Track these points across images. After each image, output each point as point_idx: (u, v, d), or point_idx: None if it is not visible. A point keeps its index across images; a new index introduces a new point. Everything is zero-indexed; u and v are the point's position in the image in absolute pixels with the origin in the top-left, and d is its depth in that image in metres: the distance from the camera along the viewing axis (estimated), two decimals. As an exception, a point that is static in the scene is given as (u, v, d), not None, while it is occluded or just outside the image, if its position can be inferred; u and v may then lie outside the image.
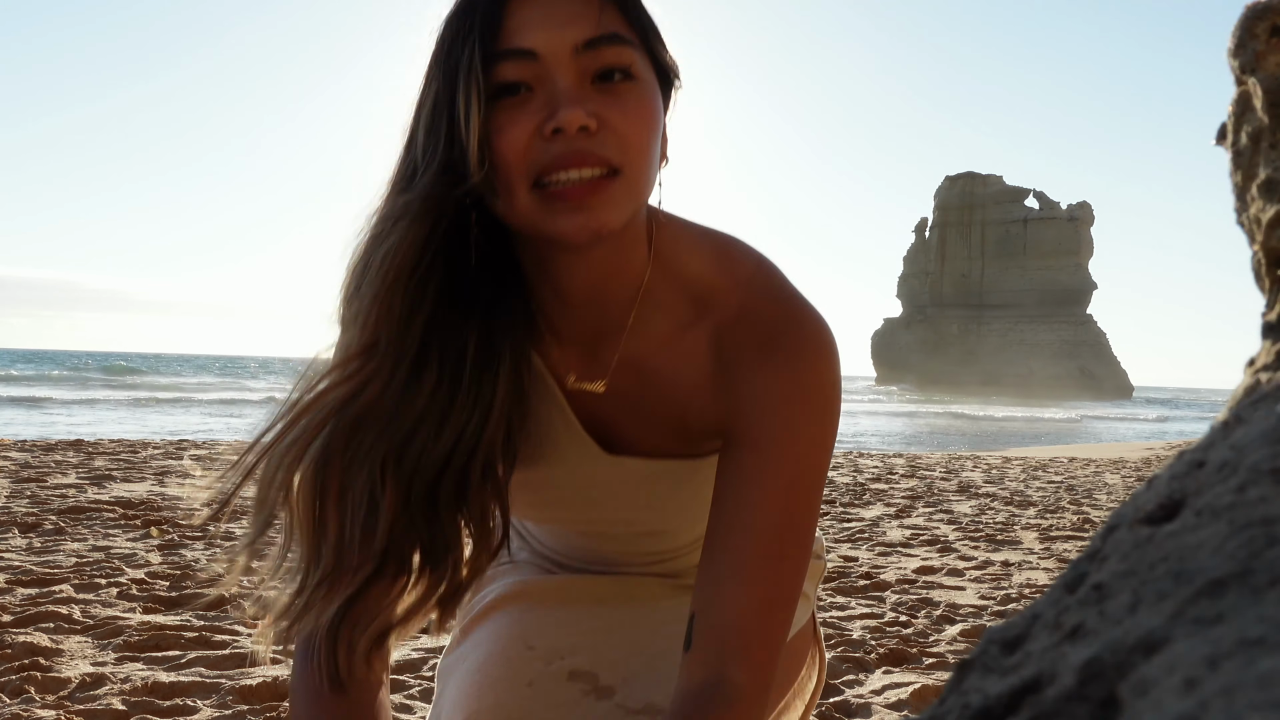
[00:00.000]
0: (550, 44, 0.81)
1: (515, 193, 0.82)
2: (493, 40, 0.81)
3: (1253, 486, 0.33)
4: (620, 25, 0.84)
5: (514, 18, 0.82)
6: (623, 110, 0.82)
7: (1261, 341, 0.48)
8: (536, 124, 0.80)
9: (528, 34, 0.81)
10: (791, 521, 0.89)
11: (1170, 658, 0.27)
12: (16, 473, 6.42)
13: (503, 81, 0.81)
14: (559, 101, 0.80)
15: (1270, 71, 0.48)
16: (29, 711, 2.28)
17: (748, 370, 0.91)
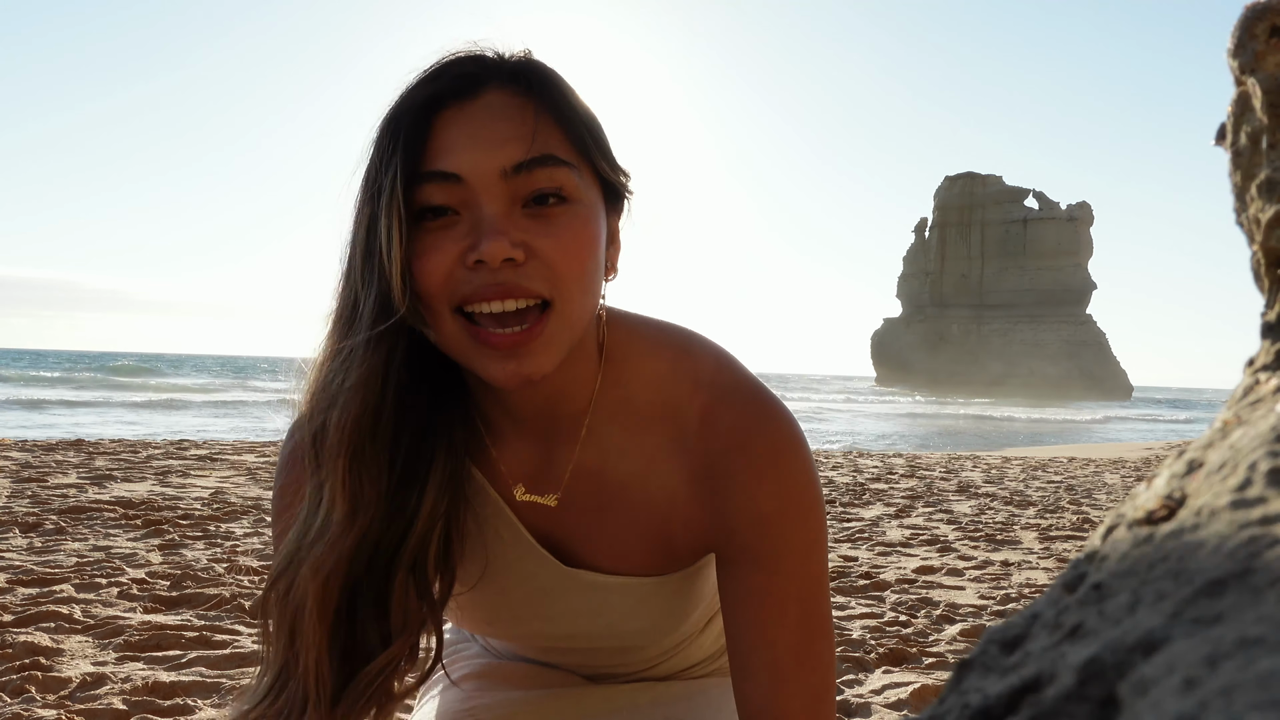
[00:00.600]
0: (477, 167, 0.76)
1: (441, 321, 0.79)
2: (418, 160, 0.77)
3: (1252, 486, 0.33)
4: (557, 143, 0.79)
5: (440, 136, 0.77)
6: (554, 237, 0.77)
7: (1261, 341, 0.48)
8: (459, 251, 0.76)
9: (453, 156, 0.76)
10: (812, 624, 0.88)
11: (1170, 657, 0.27)
12: (17, 472, 6.42)
13: (426, 205, 0.77)
14: (483, 230, 0.75)
15: (1270, 72, 0.48)
16: (30, 711, 2.28)
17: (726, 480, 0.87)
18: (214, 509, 5.33)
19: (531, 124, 0.78)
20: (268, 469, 7.46)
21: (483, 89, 0.79)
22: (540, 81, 0.81)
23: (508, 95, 0.79)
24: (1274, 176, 0.47)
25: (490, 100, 0.79)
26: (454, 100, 0.78)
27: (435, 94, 0.78)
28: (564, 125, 0.80)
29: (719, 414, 0.88)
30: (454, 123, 0.78)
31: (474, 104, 0.78)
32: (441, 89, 0.79)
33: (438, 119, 0.78)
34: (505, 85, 0.80)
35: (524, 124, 0.78)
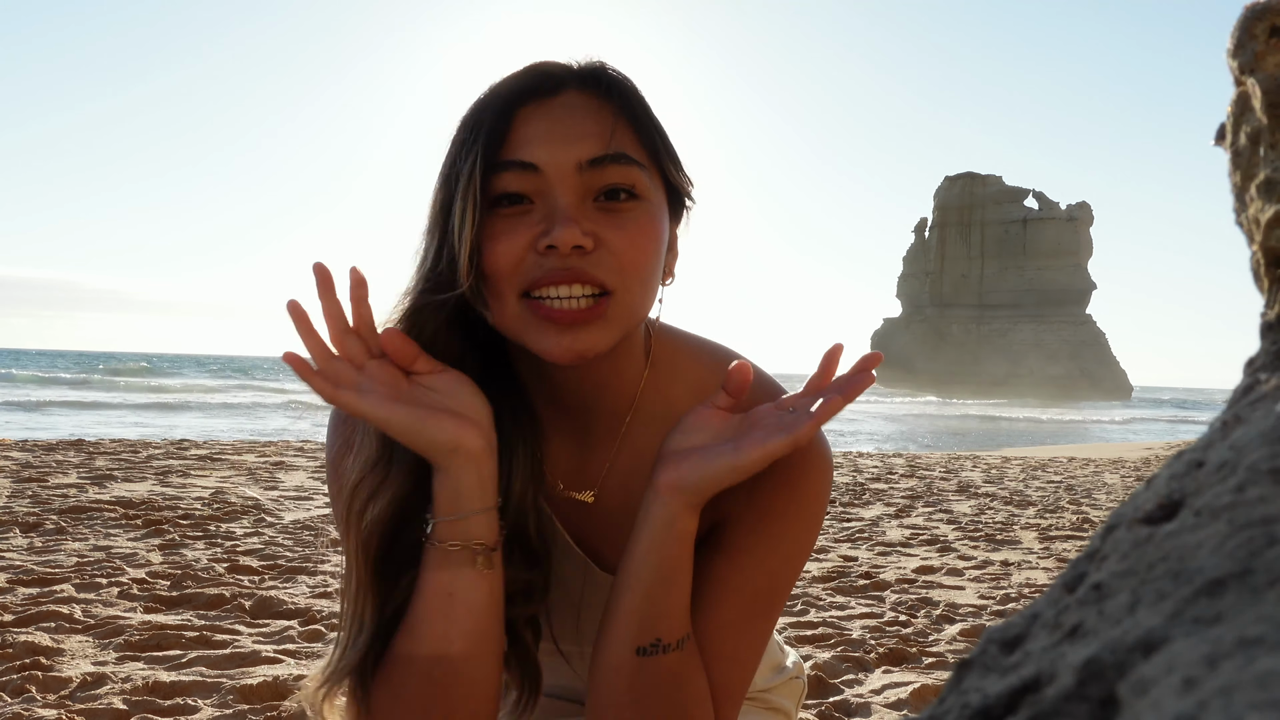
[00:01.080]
0: (554, 159, 0.80)
1: (504, 302, 0.82)
2: (497, 150, 0.80)
3: (1252, 486, 0.33)
4: (630, 144, 0.83)
5: (521, 129, 0.81)
6: (622, 230, 0.81)
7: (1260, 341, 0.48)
8: (532, 237, 0.80)
9: (532, 147, 0.80)
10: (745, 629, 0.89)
11: (1169, 657, 0.27)
12: (18, 472, 6.42)
13: (503, 191, 0.80)
14: (555, 218, 0.79)
15: (1269, 72, 0.48)
16: (30, 711, 2.28)
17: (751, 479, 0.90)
18: (214, 509, 5.33)
19: (608, 123, 0.82)
20: (268, 469, 7.46)
21: (563, 88, 0.83)
22: (617, 86, 0.85)
23: (586, 96, 0.84)
24: (1273, 177, 0.47)
25: (569, 99, 0.83)
26: (535, 97, 0.83)
27: (518, 90, 0.83)
28: (637, 129, 0.84)
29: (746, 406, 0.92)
30: (534, 117, 0.82)
31: (554, 101, 0.83)
32: (524, 85, 0.83)
33: (519, 113, 0.82)
34: (584, 87, 0.84)
35: (601, 123, 0.82)
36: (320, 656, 2.84)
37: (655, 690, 0.85)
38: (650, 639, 0.84)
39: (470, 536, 0.83)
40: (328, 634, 3.07)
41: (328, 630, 3.10)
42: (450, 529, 0.83)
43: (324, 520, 5.19)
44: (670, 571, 0.84)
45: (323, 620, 3.21)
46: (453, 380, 0.84)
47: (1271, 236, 0.47)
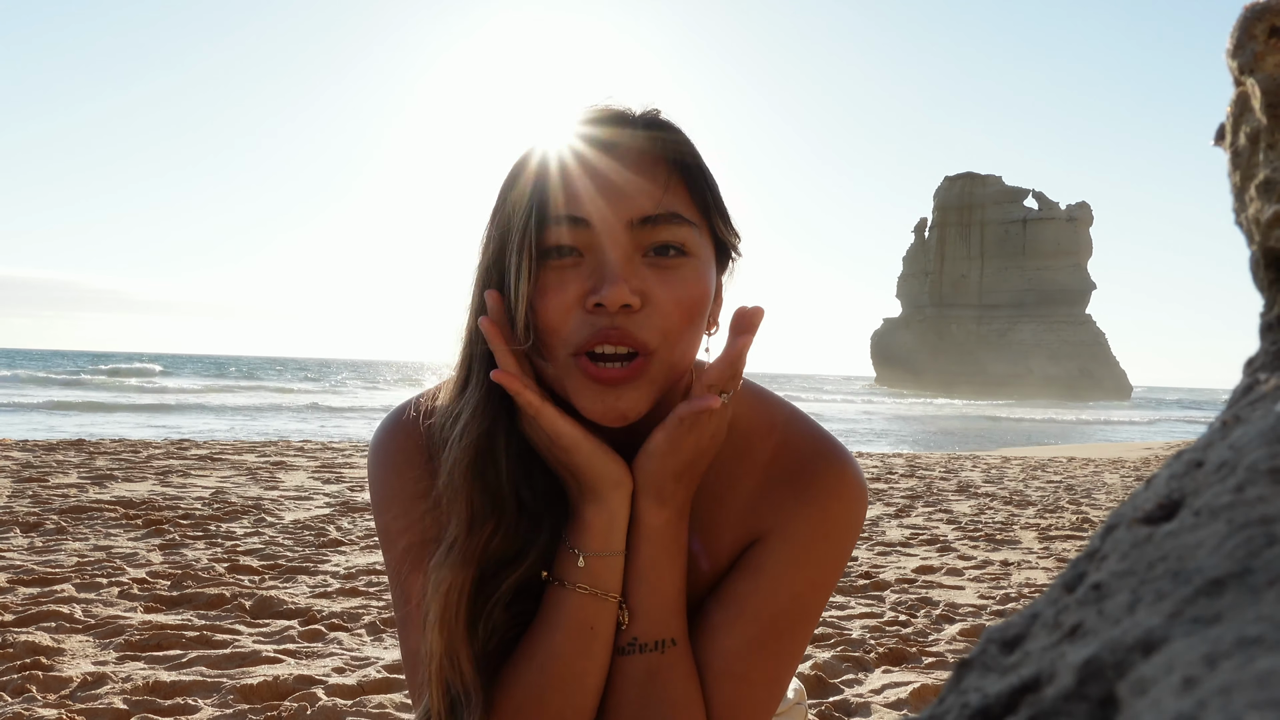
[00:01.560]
0: (604, 215, 0.80)
1: (554, 356, 0.83)
2: (550, 202, 0.81)
3: (1251, 486, 0.33)
4: (682, 203, 0.83)
5: (574, 183, 0.81)
6: (670, 288, 0.81)
7: (1260, 341, 0.48)
8: (581, 293, 0.80)
9: (584, 202, 0.80)
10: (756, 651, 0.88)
11: (1169, 657, 0.27)
12: (18, 472, 6.42)
13: (555, 244, 0.81)
14: (604, 275, 0.79)
15: (1269, 72, 0.48)
16: (31, 710, 2.28)
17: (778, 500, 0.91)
18: (214, 509, 5.33)
19: (661, 180, 0.82)
20: (268, 469, 7.46)
21: (617, 142, 0.84)
22: (673, 140, 0.85)
23: (640, 151, 0.84)
24: (1273, 177, 0.47)
25: (624, 153, 0.83)
26: (589, 149, 0.83)
27: (573, 140, 0.84)
28: (690, 184, 0.84)
29: (792, 447, 0.93)
30: (587, 170, 0.82)
31: (608, 154, 0.83)
32: (580, 136, 0.84)
33: (573, 165, 0.82)
34: (639, 141, 0.84)
35: (654, 179, 0.82)
36: (321, 655, 2.84)
37: (630, 690, 0.85)
38: (626, 638, 0.85)
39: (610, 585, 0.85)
40: (327, 634, 3.07)
41: (327, 630, 3.10)
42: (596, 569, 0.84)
43: (323, 520, 5.19)
44: (645, 571, 0.85)
45: (323, 620, 3.21)
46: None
47: (1271, 237, 0.47)
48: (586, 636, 0.84)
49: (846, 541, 0.92)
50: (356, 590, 3.61)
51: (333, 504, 5.77)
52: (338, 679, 2.61)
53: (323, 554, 4.29)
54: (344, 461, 8.27)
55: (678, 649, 0.86)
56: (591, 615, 0.84)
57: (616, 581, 0.85)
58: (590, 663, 0.84)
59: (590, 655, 0.84)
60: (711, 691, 0.87)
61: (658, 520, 0.85)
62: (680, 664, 0.86)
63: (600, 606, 0.84)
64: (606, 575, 0.85)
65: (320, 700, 2.43)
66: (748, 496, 0.93)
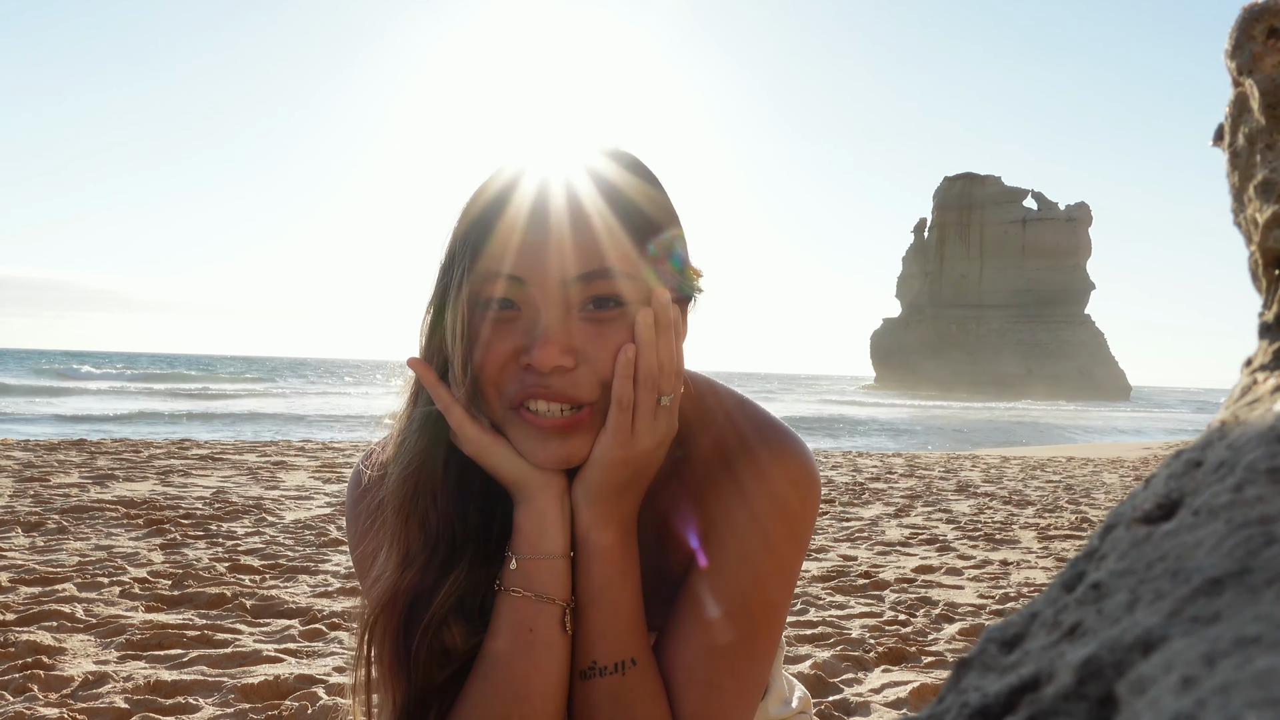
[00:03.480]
0: (540, 273, 0.80)
1: (491, 405, 0.84)
2: (489, 256, 0.81)
3: (1250, 486, 0.33)
4: (621, 255, 0.82)
5: (511, 236, 0.81)
6: (605, 342, 0.81)
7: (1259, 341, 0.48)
8: (516, 348, 0.81)
9: (521, 259, 0.80)
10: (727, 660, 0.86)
11: (1168, 656, 0.27)
12: (20, 472, 6.42)
13: (490, 296, 0.81)
14: (537, 335, 0.79)
15: (1267, 73, 0.48)
16: (32, 710, 2.28)
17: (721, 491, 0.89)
18: (215, 508, 5.33)
19: (601, 236, 0.81)
20: (268, 469, 7.46)
21: (555, 193, 0.82)
22: (618, 190, 0.83)
23: (581, 200, 0.82)
24: (1271, 177, 0.47)
25: (564, 206, 0.82)
26: (529, 202, 0.82)
27: (512, 193, 0.82)
28: (632, 233, 0.83)
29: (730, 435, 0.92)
30: (527, 226, 0.81)
31: (548, 208, 0.82)
32: (518, 188, 0.83)
33: (509, 219, 0.81)
34: (579, 191, 0.83)
35: (590, 234, 0.81)
36: (321, 655, 2.84)
37: (596, 715, 0.84)
38: (586, 662, 0.84)
39: (547, 588, 0.84)
40: (328, 633, 3.07)
41: (328, 630, 3.10)
42: (530, 571, 0.84)
43: (324, 520, 5.19)
44: (597, 592, 0.83)
45: (323, 620, 3.21)
46: None
47: (1269, 237, 0.47)
48: (526, 639, 0.83)
49: (799, 524, 0.89)
50: (357, 590, 3.61)
51: (333, 503, 5.77)
52: (338, 678, 2.61)
53: (323, 554, 4.29)
54: (344, 461, 8.27)
55: (638, 668, 0.84)
56: (529, 618, 0.83)
57: (555, 585, 0.84)
58: (532, 666, 0.83)
59: (532, 659, 0.83)
60: (679, 705, 0.86)
61: (606, 539, 0.84)
62: (643, 683, 0.84)
63: (537, 609, 0.83)
64: (542, 578, 0.84)
65: (321, 700, 2.43)
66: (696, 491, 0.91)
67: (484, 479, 0.89)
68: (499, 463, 0.84)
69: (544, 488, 0.84)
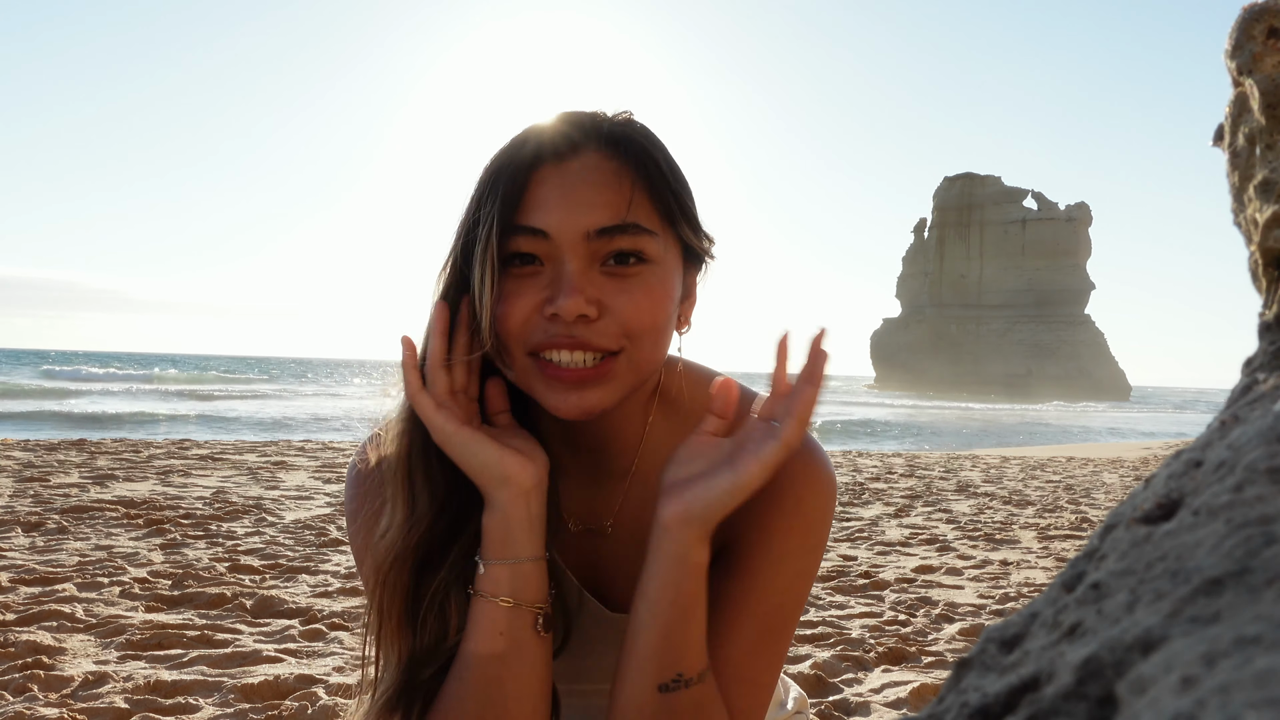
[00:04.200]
0: (562, 226, 0.81)
1: (514, 358, 0.84)
2: (513, 211, 0.82)
3: (1250, 486, 0.33)
4: (644, 211, 0.83)
5: (535, 192, 0.82)
6: (629, 296, 0.82)
7: (1259, 341, 0.48)
8: (539, 301, 0.82)
9: (543, 213, 0.81)
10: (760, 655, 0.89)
11: (1168, 656, 0.27)
12: (19, 472, 6.42)
13: (515, 251, 0.82)
14: (561, 286, 0.80)
15: (1267, 73, 0.48)
16: (32, 710, 2.28)
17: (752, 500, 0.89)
18: (215, 508, 5.33)
19: (621, 191, 0.83)
20: (268, 469, 7.46)
21: (580, 151, 0.84)
22: (636, 149, 0.85)
23: (603, 159, 0.84)
24: (1271, 177, 0.47)
25: (586, 162, 0.83)
26: (552, 159, 0.84)
27: (535, 151, 0.84)
28: (653, 194, 0.84)
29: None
30: (549, 180, 0.83)
31: (570, 164, 0.83)
32: (541, 147, 0.84)
33: (535, 175, 0.83)
34: (602, 149, 0.84)
35: (615, 190, 0.82)
36: (321, 655, 2.84)
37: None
38: (672, 675, 0.83)
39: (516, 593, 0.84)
40: (328, 633, 3.07)
41: (328, 630, 3.10)
42: (498, 577, 0.83)
43: (324, 520, 5.19)
44: (688, 606, 0.83)
45: (323, 620, 3.21)
46: (523, 432, 0.88)
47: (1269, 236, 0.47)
48: (496, 643, 0.83)
49: (824, 528, 0.93)
50: (357, 590, 3.61)
51: (333, 503, 5.77)
52: (338, 678, 2.61)
53: (323, 553, 4.29)
54: (345, 461, 8.27)
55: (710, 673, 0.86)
56: (500, 623, 0.83)
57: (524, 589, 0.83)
58: (505, 671, 0.83)
59: (503, 662, 0.83)
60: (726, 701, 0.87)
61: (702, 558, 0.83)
62: (713, 686, 0.86)
63: (508, 614, 0.83)
64: (512, 583, 0.83)
65: (321, 699, 2.43)
66: None
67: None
68: (467, 458, 0.83)
69: (503, 483, 0.83)
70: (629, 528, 0.96)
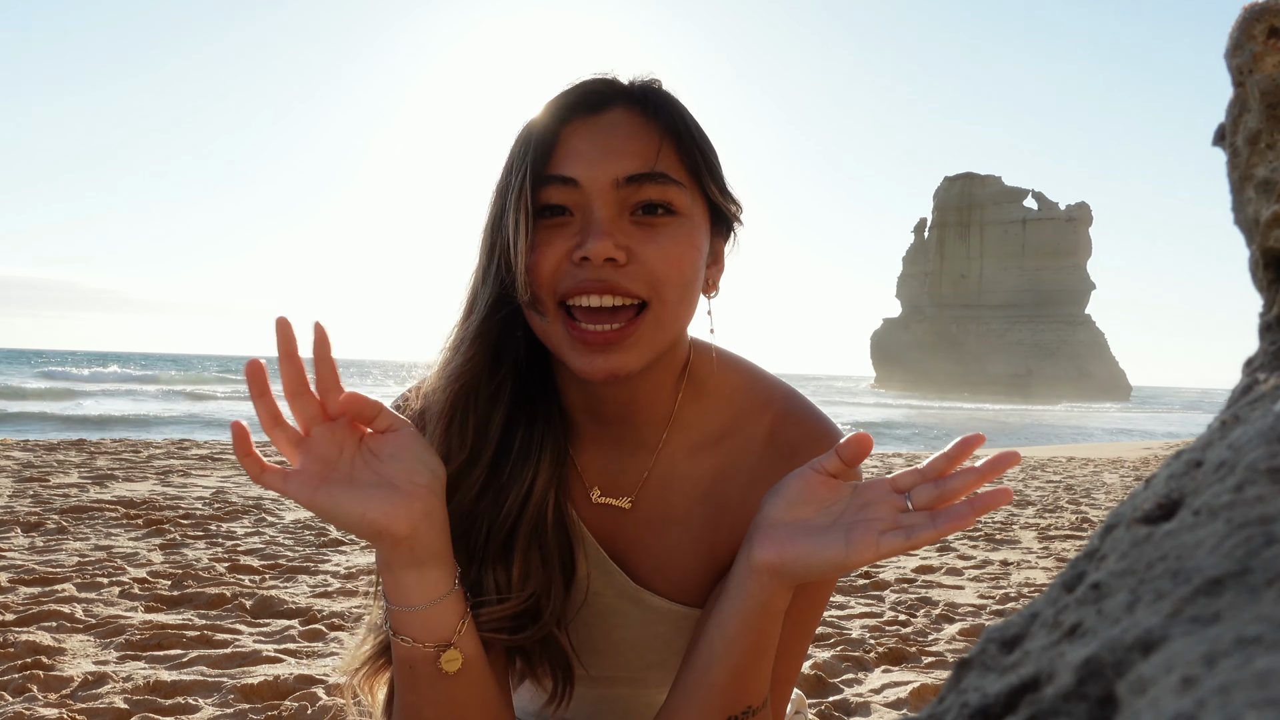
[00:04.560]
0: (592, 174, 0.82)
1: (546, 307, 0.85)
2: (544, 164, 0.84)
3: (1250, 486, 0.33)
4: (672, 164, 0.85)
5: (565, 144, 0.84)
6: (656, 245, 0.83)
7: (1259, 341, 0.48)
8: (569, 248, 0.83)
9: (573, 163, 0.83)
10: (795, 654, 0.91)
11: (1168, 656, 0.27)
12: (19, 472, 6.42)
13: (546, 203, 0.84)
14: (590, 231, 0.82)
15: (1267, 73, 0.48)
16: (32, 710, 2.28)
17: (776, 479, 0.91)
18: (215, 508, 5.33)
19: (649, 142, 0.84)
20: (268, 468, 7.45)
21: (609, 106, 0.86)
22: (664, 106, 0.87)
23: (632, 114, 0.86)
24: (1271, 177, 0.47)
25: (615, 117, 0.86)
26: (582, 114, 0.86)
27: (566, 106, 0.86)
28: (680, 148, 0.86)
29: (785, 430, 0.95)
30: (579, 133, 0.85)
31: (599, 119, 0.86)
32: (572, 102, 0.86)
33: (565, 129, 0.85)
34: (631, 105, 0.86)
35: (643, 141, 0.84)
36: (321, 655, 2.84)
37: None
38: (741, 708, 0.84)
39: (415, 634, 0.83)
40: (328, 634, 3.07)
41: (328, 630, 3.10)
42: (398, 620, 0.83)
43: (324, 520, 5.19)
44: (764, 646, 0.83)
45: (323, 620, 3.21)
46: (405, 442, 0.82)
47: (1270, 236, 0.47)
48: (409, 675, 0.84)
49: None
50: (357, 590, 3.62)
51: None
52: (338, 678, 2.61)
53: (323, 554, 4.29)
54: (344, 461, 8.26)
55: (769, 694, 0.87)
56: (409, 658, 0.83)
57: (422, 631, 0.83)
58: (422, 700, 0.84)
59: (416, 690, 0.84)
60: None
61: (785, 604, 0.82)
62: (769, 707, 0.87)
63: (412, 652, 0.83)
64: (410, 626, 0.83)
65: (321, 700, 2.43)
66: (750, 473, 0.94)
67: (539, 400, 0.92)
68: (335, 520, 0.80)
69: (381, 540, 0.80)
70: (651, 505, 0.96)
